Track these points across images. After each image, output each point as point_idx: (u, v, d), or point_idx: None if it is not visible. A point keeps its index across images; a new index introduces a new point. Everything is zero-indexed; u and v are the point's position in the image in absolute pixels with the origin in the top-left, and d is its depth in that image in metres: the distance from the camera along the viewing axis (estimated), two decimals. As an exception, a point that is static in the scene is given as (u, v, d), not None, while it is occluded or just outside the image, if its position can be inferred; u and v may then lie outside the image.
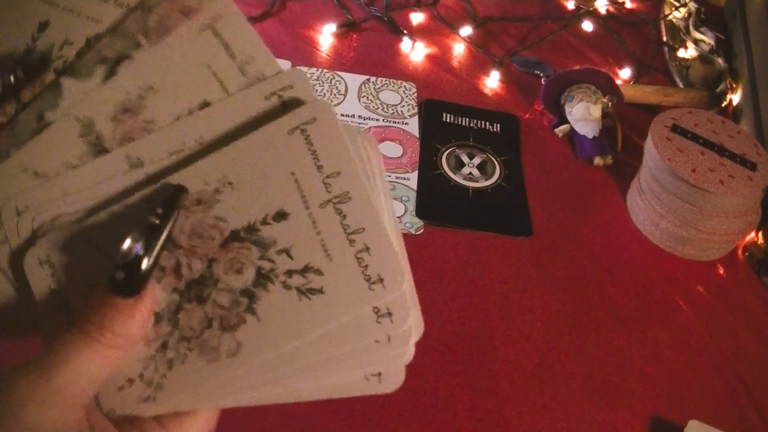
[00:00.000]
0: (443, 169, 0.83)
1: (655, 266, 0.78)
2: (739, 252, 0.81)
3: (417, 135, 0.86)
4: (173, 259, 0.30)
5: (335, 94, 0.89)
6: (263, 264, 0.30)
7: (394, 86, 0.93)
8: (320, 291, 0.30)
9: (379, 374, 0.31)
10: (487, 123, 0.90)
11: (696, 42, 1.06)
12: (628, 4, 1.17)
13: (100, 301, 0.28)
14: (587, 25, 1.10)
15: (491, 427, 0.61)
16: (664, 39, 1.09)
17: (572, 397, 0.64)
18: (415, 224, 0.76)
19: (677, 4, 1.14)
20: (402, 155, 0.83)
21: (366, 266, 0.29)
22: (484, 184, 0.83)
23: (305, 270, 0.30)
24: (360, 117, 0.87)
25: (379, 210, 0.31)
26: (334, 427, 0.59)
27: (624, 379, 0.67)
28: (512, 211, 0.80)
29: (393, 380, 0.31)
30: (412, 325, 0.31)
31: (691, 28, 1.09)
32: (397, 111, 0.89)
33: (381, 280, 0.29)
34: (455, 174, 0.83)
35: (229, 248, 0.30)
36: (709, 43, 1.06)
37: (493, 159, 0.86)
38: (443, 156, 0.85)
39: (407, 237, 0.75)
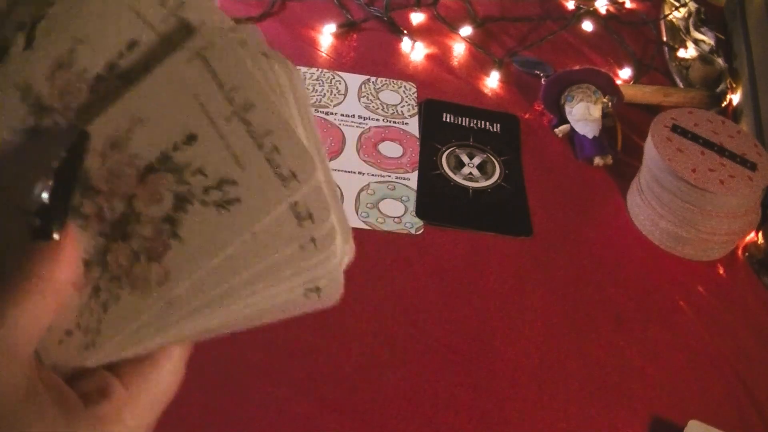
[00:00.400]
0: (443, 169, 0.83)
1: (655, 266, 0.78)
2: (739, 252, 0.81)
3: (417, 135, 0.86)
4: (94, 205, 0.31)
5: (335, 94, 0.89)
6: (180, 188, 0.30)
7: (394, 86, 0.93)
8: (237, 200, 0.30)
9: (317, 288, 0.32)
10: (487, 123, 0.90)
11: (696, 42, 1.06)
12: (628, 4, 1.17)
13: (24, 251, 0.28)
14: (587, 25, 1.10)
15: (491, 426, 0.61)
16: (664, 39, 1.09)
17: (572, 397, 0.64)
18: (415, 224, 0.76)
19: (677, 4, 1.14)
20: (402, 155, 0.83)
21: (277, 165, 0.30)
22: (484, 184, 0.83)
23: (220, 184, 0.30)
24: (360, 117, 0.87)
25: (286, 114, 0.31)
26: (334, 427, 0.59)
27: (624, 379, 0.67)
28: (512, 211, 0.80)
29: (332, 292, 0.32)
30: (336, 225, 0.31)
31: (691, 28, 1.09)
32: (397, 111, 0.89)
33: (294, 175, 0.30)
34: (455, 174, 0.83)
35: (146, 181, 0.31)
36: (709, 43, 1.06)
37: (493, 159, 0.86)
38: (443, 156, 0.85)
39: (407, 237, 0.75)
